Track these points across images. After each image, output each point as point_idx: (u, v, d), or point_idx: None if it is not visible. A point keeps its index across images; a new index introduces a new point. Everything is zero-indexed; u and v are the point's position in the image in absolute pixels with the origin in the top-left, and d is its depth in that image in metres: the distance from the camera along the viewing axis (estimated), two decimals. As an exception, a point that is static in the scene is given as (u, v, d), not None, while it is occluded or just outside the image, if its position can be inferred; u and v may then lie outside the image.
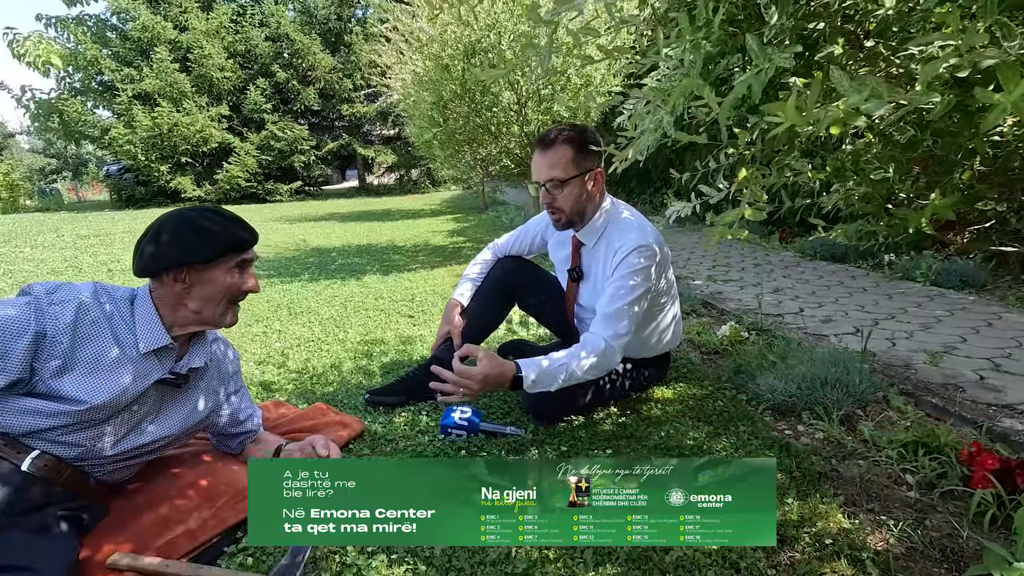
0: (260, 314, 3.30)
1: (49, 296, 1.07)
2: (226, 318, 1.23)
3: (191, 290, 1.17)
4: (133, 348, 1.14)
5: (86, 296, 1.11)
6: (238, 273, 1.21)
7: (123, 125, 16.48)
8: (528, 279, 2.01)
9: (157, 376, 1.17)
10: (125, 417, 1.16)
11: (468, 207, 11.62)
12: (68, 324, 1.06)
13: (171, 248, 1.13)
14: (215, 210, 1.21)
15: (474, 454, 1.55)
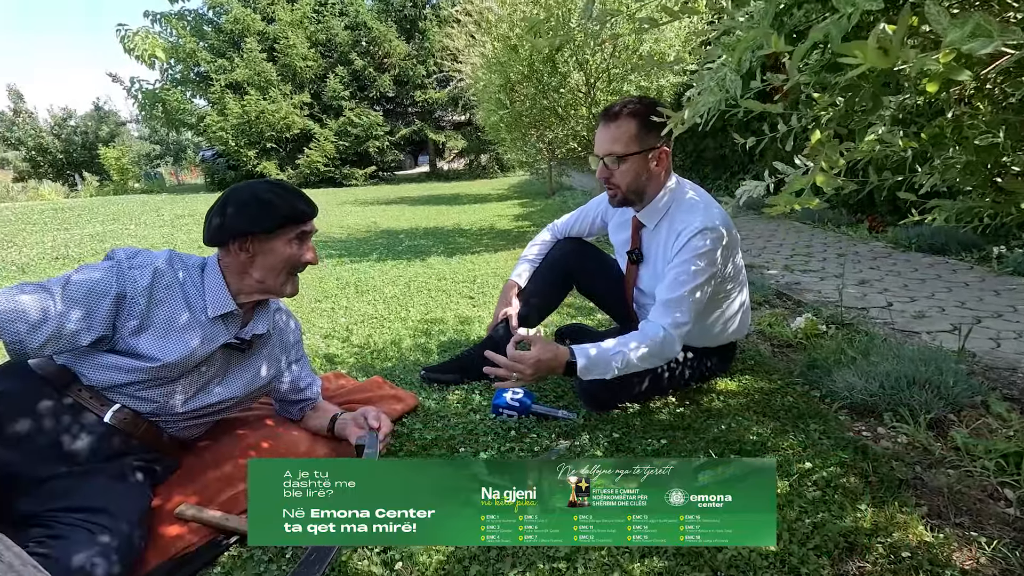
0: (329, 291, 3.44)
1: (129, 261, 1.15)
2: (287, 288, 1.28)
3: (254, 259, 1.22)
4: (202, 312, 1.21)
5: (161, 262, 1.18)
6: (297, 244, 1.25)
7: (216, 113, 17.66)
8: (586, 261, 1.96)
9: (223, 340, 1.24)
10: (194, 377, 1.23)
11: (535, 192, 11.56)
12: (145, 287, 1.14)
13: (235, 219, 1.18)
14: (278, 183, 1.26)
15: (524, 435, 1.54)
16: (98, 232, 7.10)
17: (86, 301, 1.08)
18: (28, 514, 1.02)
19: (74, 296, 1.07)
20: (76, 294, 1.07)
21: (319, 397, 1.53)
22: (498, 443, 1.50)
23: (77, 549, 0.90)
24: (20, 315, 1.02)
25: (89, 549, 0.91)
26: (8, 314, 1.01)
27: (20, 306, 1.02)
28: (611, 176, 1.59)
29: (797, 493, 1.21)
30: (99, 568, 0.90)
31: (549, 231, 2.04)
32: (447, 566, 1.04)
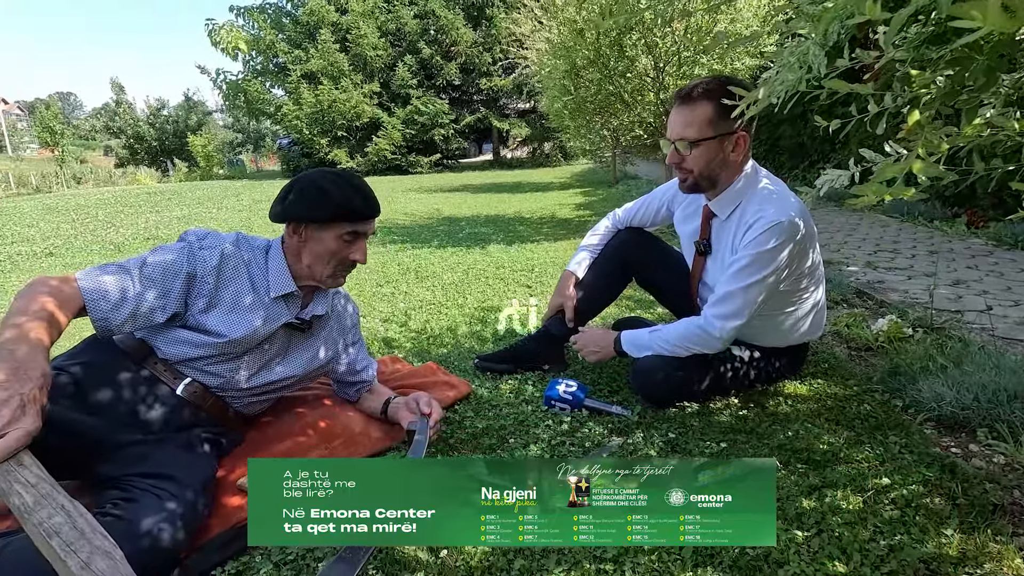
0: (391, 276, 3.52)
1: (200, 242, 1.21)
2: (330, 280, 1.30)
3: (306, 245, 1.25)
4: (266, 293, 1.25)
5: (229, 244, 1.23)
6: (348, 241, 1.25)
7: (292, 102, 18.49)
8: (647, 253, 1.89)
9: (284, 319, 1.28)
10: (257, 354, 1.28)
11: (598, 181, 11.36)
12: (214, 267, 1.19)
13: (294, 204, 1.21)
14: (348, 177, 1.26)
15: (576, 429, 1.50)
16: (185, 215, 7.62)
17: (161, 281, 1.15)
18: (107, 477, 1.09)
19: (151, 276, 1.14)
20: (152, 274, 1.14)
21: (375, 380, 1.56)
22: (549, 436, 1.47)
23: (147, 513, 0.96)
24: (104, 295, 1.10)
25: (157, 515, 0.97)
26: (94, 294, 1.09)
27: (103, 287, 1.10)
28: (683, 161, 1.51)
29: (872, 511, 1.11)
30: (165, 533, 0.95)
31: (610, 220, 1.97)
32: (491, 558, 1.03)
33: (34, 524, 0.72)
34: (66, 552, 0.69)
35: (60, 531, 0.71)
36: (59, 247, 5.12)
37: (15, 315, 0.99)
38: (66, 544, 0.70)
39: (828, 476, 1.23)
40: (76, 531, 0.72)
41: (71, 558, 0.69)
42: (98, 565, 0.70)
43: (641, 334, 1.64)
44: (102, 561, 0.70)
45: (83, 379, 1.15)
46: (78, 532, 0.72)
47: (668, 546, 1.04)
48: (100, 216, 7.76)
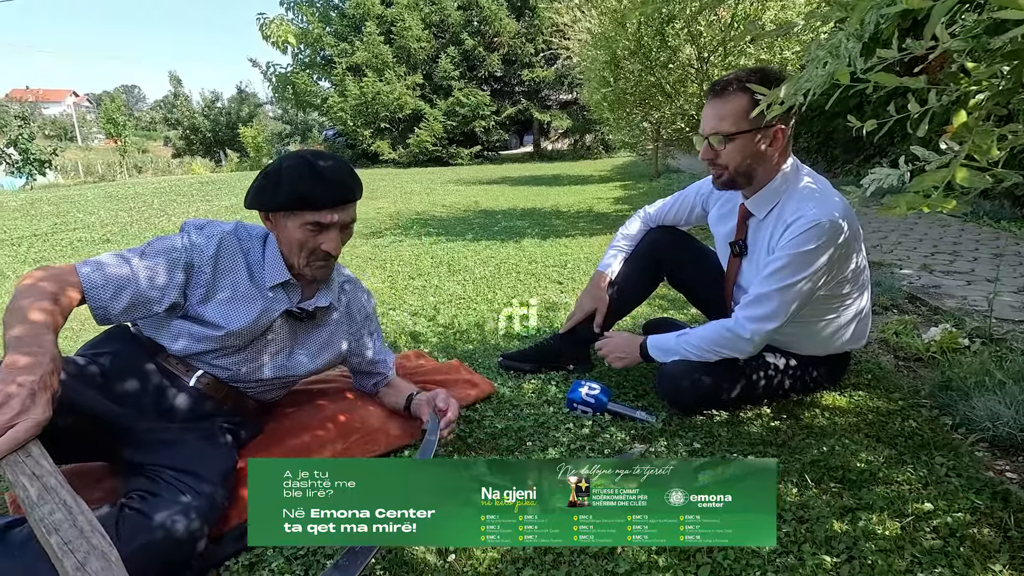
0: (424, 269, 3.53)
1: (198, 232, 1.21)
2: (307, 271, 1.25)
3: (277, 233, 1.23)
4: (263, 281, 1.25)
5: (227, 233, 1.24)
6: (312, 231, 1.18)
7: (337, 94, 18.85)
8: (681, 252, 1.82)
9: (283, 308, 1.27)
10: (261, 345, 1.28)
11: (639, 174, 11.13)
12: (211, 256, 1.19)
13: (257, 189, 1.19)
14: (310, 163, 1.16)
15: (597, 434, 1.46)
16: (233, 204, 7.89)
17: (159, 271, 1.16)
18: (134, 463, 1.13)
19: (149, 266, 1.15)
20: (151, 264, 1.15)
21: (392, 373, 1.56)
22: (568, 439, 1.44)
23: (163, 507, 0.98)
24: (103, 284, 1.11)
25: (171, 508, 0.98)
26: (92, 283, 1.10)
27: (102, 276, 1.11)
28: (716, 156, 1.44)
29: (911, 539, 1.03)
30: (179, 524, 0.97)
31: (640, 219, 1.91)
32: (500, 565, 1.01)
33: (36, 519, 0.73)
34: (63, 551, 0.71)
35: (60, 528, 0.73)
36: (115, 234, 5.38)
37: (22, 302, 0.99)
38: (64, 543, 0.72)
39: (864, 497, 1.15)
40: (76, 529, 0.73)
41: (68, 558, 0.70)
42: (93, 566, 0.71)
43: (668, 338, 1.58)
44: (97, 562, 0.71)
45: (110, 370, 1.18)
46: (77, 530, 0.73)
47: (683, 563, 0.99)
48: (155, 204, 8.13)
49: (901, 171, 0.88)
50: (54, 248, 4.75)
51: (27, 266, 4.03)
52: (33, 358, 0.88)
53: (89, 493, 1.18)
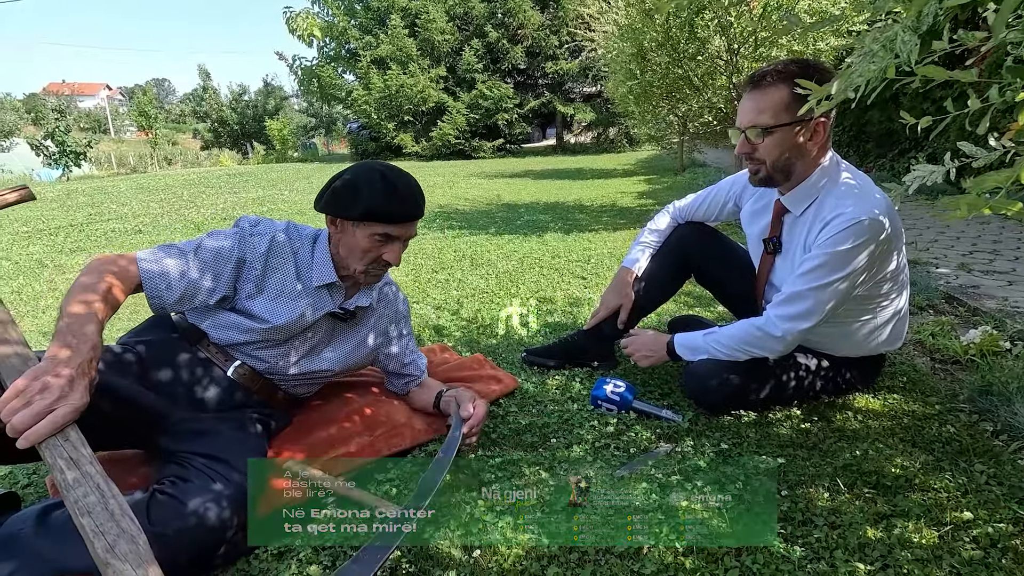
0: (447, 263, 3.54)
1: (251, 228, 1.24)
2: (363, 276, 1.29)
3: (342, 238, 1.26)
4: (310, 281, 1.27)
5: (279, 232, 1.26)
6: (379, 241, 1.22)
7: (362, 87, 18.97)
8: (710, 249, 1.79)
9: (327, 309, 1.30)
10: (301, 341, 1.30)
11: (663, 168, 10.98)
12: (262, 254, 1.22)
13: (332, 195, 1.22)
14: (389, 178, 1.22)
15: (622, 432, 1.45)
16: (259, 196, 8.02)
17: (213, 265, 1.19)
18: (167, 451, 1.16)
19: (204, 260, 1.18)
20: (206, 258, 1.19)
21: (424, 374, 1.56)
22: (593, 437, 1.43)
23: (195, 494, 1.00)
24: (161, 276, 1.15)
25: (204, 495, 1.00)
26: (151, 275, 1.14)
27: (161, 268, 1.15)
28: (754, 151, 1.39)
29: (949, 549, 1.00)
30: (211, 512, 0.99)
31: (669, 214, 1.88)
32: (524, 562, 1.01)
33: (71, 501, 0.76)
34: (95, 533, 0.73)
35: (92, 511, 0.75)
36: (147, 225, 5.51)
37: (79, 291, 1.03)
38: (96, 525, 0.74)
39: (899, 504, 1.12)
40: (107, 512, 0.75)
41: (99, 540, 0.72)
42: (122, 548, 0.73)
43: (695, 337, 1.55)
44: (126, 545, 0.73)
45: (147, 357, 1.21)
46: (108, 514, 0.75)
47: (711, 566, 0.98)
48: (184, 196, 8.30)
49: (946, 167, 0.84)
50: (89, 238, 4.89)
51: (64, 255, 4.15)
52: (73, 347, 0.91)
53: (125, 479, 1.21)
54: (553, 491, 1.21)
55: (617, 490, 1.21)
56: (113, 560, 0.72)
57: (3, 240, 4.85)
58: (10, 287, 3.24)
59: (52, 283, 3.31)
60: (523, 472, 1.28)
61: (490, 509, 1.15)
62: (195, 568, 0.98)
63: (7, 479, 1.36)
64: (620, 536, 1.07)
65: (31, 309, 2.80)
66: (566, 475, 1.27)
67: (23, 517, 1.04)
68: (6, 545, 1.00)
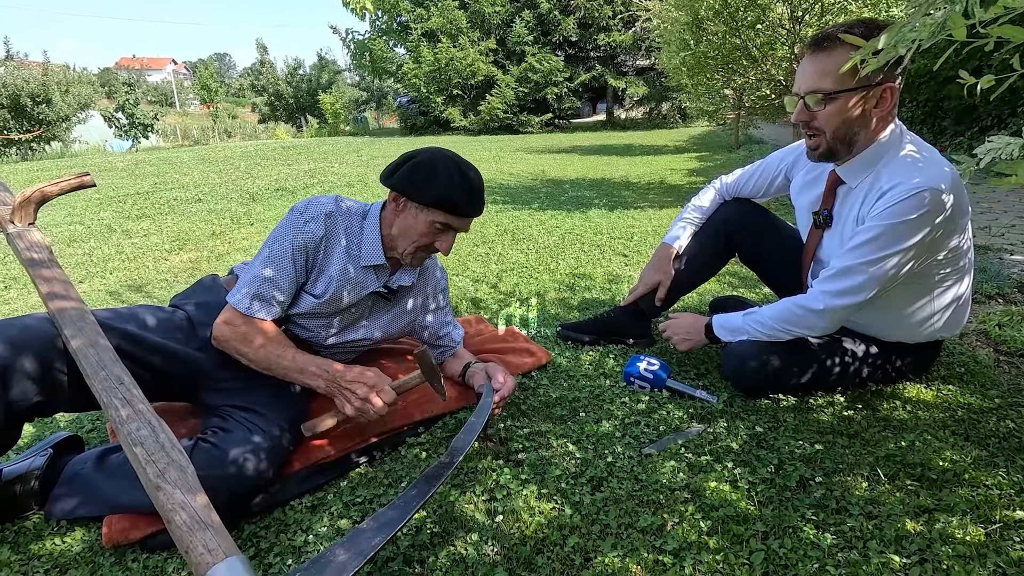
0: (488, 237, 3.55)
1: (303, 215, 1.25)
2: (408, 258, 1.31)
3: (398, 216, 1.27)
4: (357, 260, 1.30)
5: (330, 211, 1.28)
6: (438, 230, 1.26)
7: (412, 61, 19.03)
8: (755, 227, 1.72)
9: (372, 288, 1.33)
10: (344, 316, 1.34)
11: (717, 145, 10.57)
12: (321, 238, 1.25)
13: (404, 175, 1.24)
14: (463, 170, 1.25)
15: (654, 410, 1.43)
16: (311, 169, 8.22)
17: (289, 269, 1.23)
18: (210, 406, 1.23)
19: (282, 269, 1.23)
20: (282, 265, 1.23)
21: (459, 346, 1.59)
22: (623, 413, 1.42)
23: (236, 444, 1.06)
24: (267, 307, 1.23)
25: (244, 446, 1.06)
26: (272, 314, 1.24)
27: (263, 302, 1.22)
28: (812, 119, 1.29)
29: (995, 547, 0.95)
30: (249, 463, 1.04)
31: (714, 189, 1.81)
32: (545, 530, 1.02)
33: (125, 434, 0.81)
34: (147, 461, 0.78)
35: (144, 442, 0.80)
36: (206, 194, 5.76)
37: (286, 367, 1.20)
38: (148, 454, 0.79)
39: (945, 499, 1.06)
40: (157, 444, 0.81)
41: (150, 466, 0.78)
42: (171, 475, 0.78)
43: (734, 317, 1.51)
44: (175, 473, 0.78)
45: (195, 318, 1.28)
46: (159, 445, 0.81)
47: (735, 547, 0.96)
48: (241, 167, 8.61)
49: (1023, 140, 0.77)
50: (154, 206, 5.16)
51: (131, 221, 4.40)
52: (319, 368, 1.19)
53: (175, 429, 1.29)
54: (579, 463, 1.22)
55: (644, 467, 1.21)
56: (164, 484, 0.77)
57: (78, 206, 5.18)
58: (82, 249, 3.47)
59: (119, 247, 3.53)
60: (550, 443, 1.29)
61: (515, 477, 1.17)
62: (232, 512, 1.04)
63: (74, 424, 1.48)
64: (643, 511, 1.06)
65: (100, 270, 2.99)
66: (594, 448, 1.27)
67: (84, 458, 1.13)
68: (70, 482, 1.09)
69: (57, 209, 4.99)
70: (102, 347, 0.94)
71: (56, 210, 4.94)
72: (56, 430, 1.42)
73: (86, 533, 1.06)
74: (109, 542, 1.00)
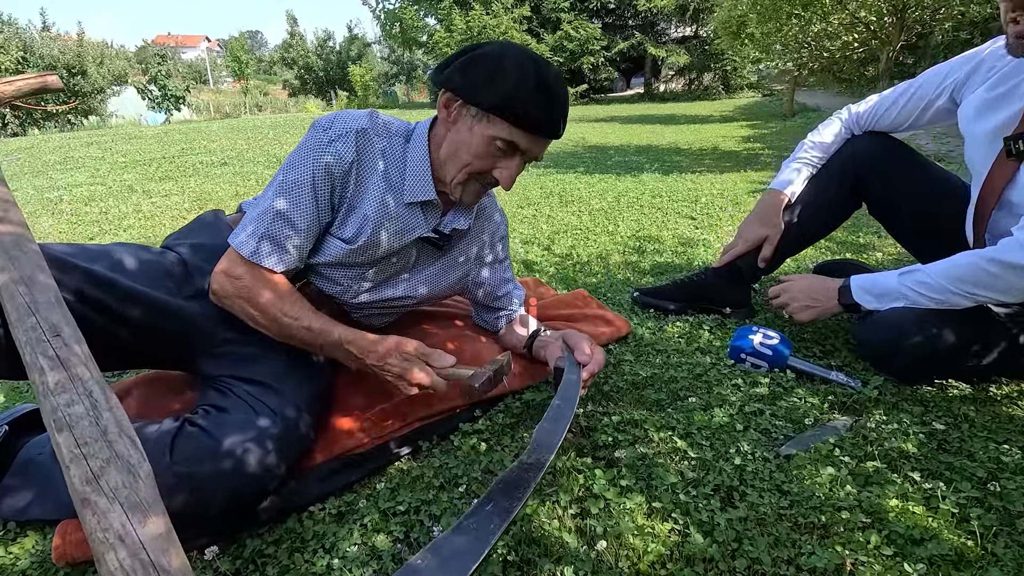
0: (532, 199, 3.21)
1: (327, 133, 0.92)
2: (458, 190, 0.97)
3: (451, 128, 0.93)
4: (400, 195, 0.98)
5: (363, 127, 0.94)
6: (499, 150, 0.91)
7: (444, 29, 18.49)
8: (895, 164, 1.34)
9: (419, 233, 1.01)
10: (382, 267, 1.03)
11: (767, 114, 9.89)
12: (351, 163, 0.92)
13: (460, 69, 0.90)
14: (540, 70, 0.89)
15: (778, 395, 1.10)
16: (340, 136, 7.95)
17: (311, 204, 0.92)
18: (208, 375, 0.94)
19: (301, 205, 0.92)
20: (297, 202, 0.92)
21: (521, 309, 1.26)
22: (740, 399, 1.08)
23: (234, 429, 0.77)
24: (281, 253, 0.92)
25: (245, 432, 0.77)
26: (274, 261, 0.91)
27: (274, 246, 0.91)
28: None
29: None
30: (252, 455, 0.75)
31: (840, 120, 1.43)
32: (669, 565, 0.71)
33: (48, 411, 0.52)
34: (73, 456, 0.49)
35: (76, 425, 0.51)
36: (232, 158, 5.54)
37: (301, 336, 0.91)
38: (77, 444, 0.49)
39: None
40: (96, 429, 0.51)
41: (77, 465, 0.48)
42: (111, 479, 0.48)
43: (885, 278, 1.15)
44: (118, 475, 0.49)
45: (191, 262, 0.98)
46: (99, 431, 0.51)
47: None
48: (270, 135, 8.40)
49: None
50: (179, 168, 4.95)
51: (153, 183, 4.19)
52: None
53: (166, 403, 1.01)
54: (696, 466, 0.90)
55: (787, 473, 0.88)
56: (94, 495, 0.48)
57: (103, 169, 5.01)
58: (99, 208, 3.26)
59: (138, 206, 3.30)
60: (650, 437, 0.97)
61: (612, 482, 0.86)
62: (230, 522, 0.75)
63: (56, 394, 1.22)
64: (805, 540, 0.74)
65: (113, 228, 2.76)
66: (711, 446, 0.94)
67: (44, 440, 0.85)
68: (23, 471, 0.82)
69: (80, 171, 4.84)
70: (40, 286, 0.64)
71: (79, 172, 4.79)
72: (27, 400, 1.16)
73: (40, 541, 0.79)
74: (61, 559, 0.73)
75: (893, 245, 2.04)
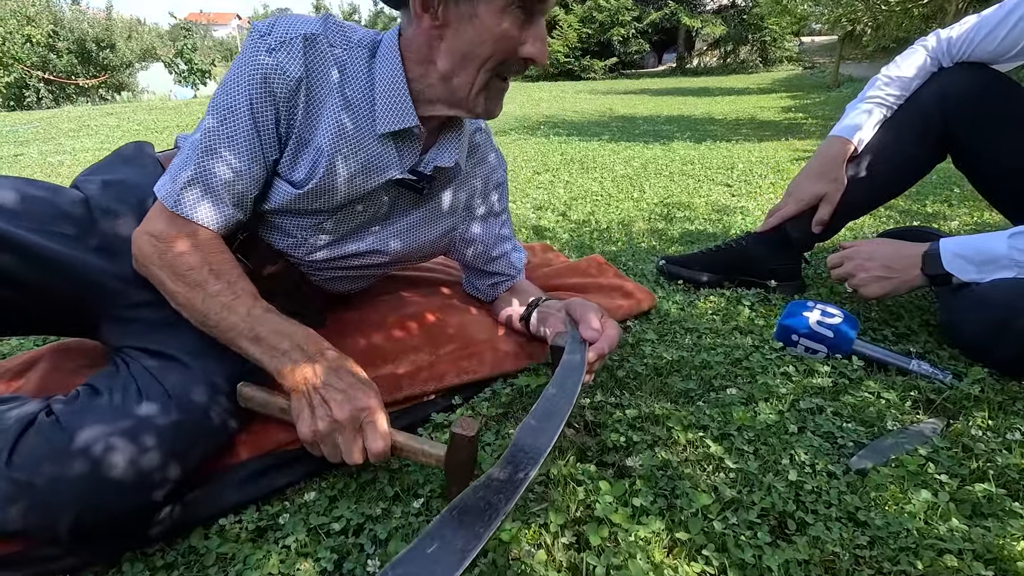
0: (551, 164, 2.96)
1: (264, 40, 0.70)
2: (480, 99, 0.75)
3: (444, 33, 0.70)
4: (368, 122, 0.75)
5: (313, 33, 0.71)
6: (520, 19, 0.69)
7: None
8: (996, 108, 1.07)
9: (393, 175, 0.79)
10: (344, 216, 0.81)
11: (809, 86, 9.31)
12: (298, 79, 0.70)
13: None
14: None
15: (842, 389, 0.86)
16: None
17: (248, 131, 0.71)
18: (112, 346, 0.75)
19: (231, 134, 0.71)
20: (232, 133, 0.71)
21: (521, 275, 1.04)
22: (792, 392, 0.85)
23: (95, 421, 0.57)
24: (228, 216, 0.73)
25: (112, 424, 0.57)
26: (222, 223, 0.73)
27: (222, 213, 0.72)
28: None
29: None
30: (117, 456, 0.55)
31: (926, 49, 1.15)
32: (704, 639, 0.49)
33: None
34: None
35: None
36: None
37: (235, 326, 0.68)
38: None
39: None
40: None
41: None
42: None
43: (989, 242, 0.90)
44: None
45: (97, 200, 0.78)
46: None
47: None
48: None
49: None
50: (191, 136, 4.83)
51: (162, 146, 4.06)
52: None
53: (75, 380, 0.82)
54: (737, 481, 0.67)
55: (862, 496, 0.65)
56: None
57: (114, 136, 4.92)
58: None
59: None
60: (674, 438, 0.75)
61: (621, 500, 0.64)
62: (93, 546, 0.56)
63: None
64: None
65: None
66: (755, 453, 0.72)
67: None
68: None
69: (91, 138, 4.75)
70: None
71: (89, 138, 4.70)
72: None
73: None
74: None
75: (968, 213, 1.74)
